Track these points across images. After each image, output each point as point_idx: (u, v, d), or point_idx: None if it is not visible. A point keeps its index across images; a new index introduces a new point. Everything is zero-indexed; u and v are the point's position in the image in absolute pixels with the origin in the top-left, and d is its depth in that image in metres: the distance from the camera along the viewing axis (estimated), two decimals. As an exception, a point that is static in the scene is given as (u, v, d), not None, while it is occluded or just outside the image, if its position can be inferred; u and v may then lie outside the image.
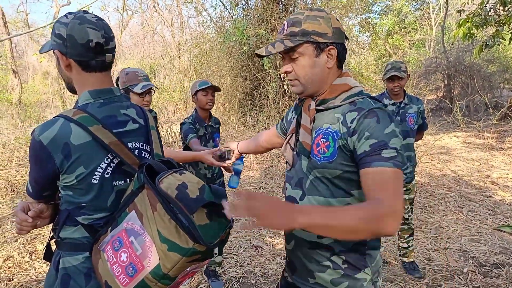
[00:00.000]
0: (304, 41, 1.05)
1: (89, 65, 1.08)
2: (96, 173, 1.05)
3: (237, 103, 8.32)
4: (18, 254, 3.12)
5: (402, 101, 2.76)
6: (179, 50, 12.00)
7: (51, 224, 1.17)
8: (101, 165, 1.05)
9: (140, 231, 0.96)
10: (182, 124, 2.54)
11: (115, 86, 1.17)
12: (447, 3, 12.24)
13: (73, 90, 1.15)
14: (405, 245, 2.93)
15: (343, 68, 1.17)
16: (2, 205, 4.20)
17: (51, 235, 1.16)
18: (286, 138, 1.23)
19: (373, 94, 2.87)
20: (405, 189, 2.78)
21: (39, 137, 1.00)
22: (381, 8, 16.68)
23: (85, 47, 1.05)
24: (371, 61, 12.50)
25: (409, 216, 2.88)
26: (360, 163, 0.99)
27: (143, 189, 1.00)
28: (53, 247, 1.18)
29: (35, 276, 2.83)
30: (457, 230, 3.68)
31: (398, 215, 0.91)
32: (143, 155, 1.17)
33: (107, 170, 1.07)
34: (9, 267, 2.93)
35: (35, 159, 1.03)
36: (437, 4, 15.83)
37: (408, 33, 16.66)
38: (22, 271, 2.88)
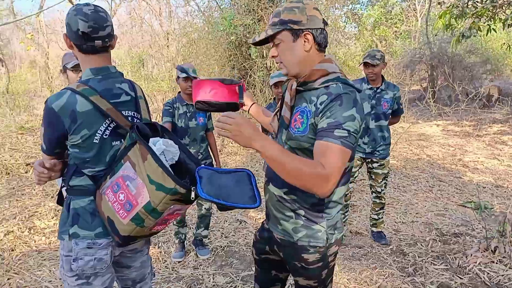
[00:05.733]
0: (282, 29, 1.24)
1: (82, 48, 1.35)
2: (97, 134, 1.33)
3: (225, 91, 8.48)
4: (18, 229, 3.34)
5: (379, 87, 3.03)
6: (168, 39, 12.06)
7: (57, 192, 1.43)
8: (100, 128, 1.33)
9: (134, 177, 1.25)
10: (164, 104, 2.87)
11: (111, 65, 1.42)
12: (431, -5, 12.51)
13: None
14: (376, 216, 3.23)
15: (331, 55, 1.34)
16: (-1, 187, 4.40)
17: (61, 184, 1.43)
18: (275, 111, 1.46)
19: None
20: (379, 164, 3.09)
21: (51, 105, 1.27)
22: (368, -1, 16.89)
23: (76, 34, 1.31)
24: (358, 52, 12.78)
25: (381, 190, 3.17)
26: (317, 136, 1.19)
27: (135, 145, 1.27)
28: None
29: (35, 247, 3.06)
30: (425, 206, 4.01)
31: (331, 182, 1.09)
32: (134, 121, 1.44)
33: (106, 132, 1.35)
34: (10, 240, 3.15)
35: (48, 122, 1.30)
36: (423, -4, 16.11)
37: (395, 24, 16.96)
38: (23, 243, 3.11)
